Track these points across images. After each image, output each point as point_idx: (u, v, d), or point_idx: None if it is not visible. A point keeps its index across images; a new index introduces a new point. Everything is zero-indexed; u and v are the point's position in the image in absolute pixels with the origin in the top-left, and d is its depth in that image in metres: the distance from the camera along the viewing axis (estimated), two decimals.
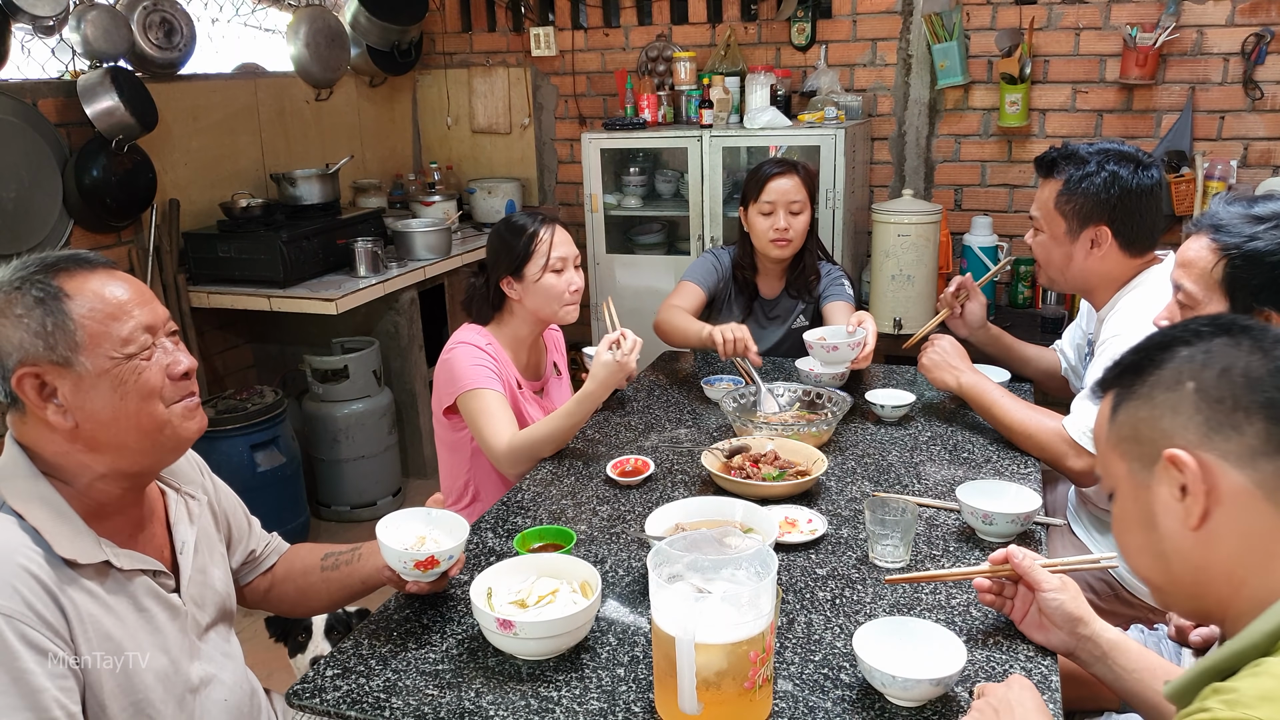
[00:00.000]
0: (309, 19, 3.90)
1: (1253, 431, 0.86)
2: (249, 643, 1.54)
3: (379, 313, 3.74)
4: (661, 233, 4.37)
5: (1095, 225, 1.90)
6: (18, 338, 1.14)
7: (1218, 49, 3.55)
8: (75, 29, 3.03)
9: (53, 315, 1.15)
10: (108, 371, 1.17)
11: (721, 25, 4.20)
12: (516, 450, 1.98)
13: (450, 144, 4.81)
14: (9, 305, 1.15)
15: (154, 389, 1.20)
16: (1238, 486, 0.86)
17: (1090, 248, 1.92)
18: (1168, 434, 0.90)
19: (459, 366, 2.06)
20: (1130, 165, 1.89)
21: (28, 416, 1.19)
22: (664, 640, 1.11)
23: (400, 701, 1.24)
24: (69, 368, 1.15)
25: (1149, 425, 0.91)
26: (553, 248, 2.12)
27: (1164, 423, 0.90)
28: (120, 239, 3.31)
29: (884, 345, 3.76)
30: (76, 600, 1.15)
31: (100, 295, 1.18)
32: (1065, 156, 1.94)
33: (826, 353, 2.25)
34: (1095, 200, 1.89)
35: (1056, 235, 1.96)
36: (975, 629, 1.36)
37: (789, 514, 1.68)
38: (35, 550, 1.13)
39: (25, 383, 1.15)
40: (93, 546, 1.19)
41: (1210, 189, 3.53)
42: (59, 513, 1.18)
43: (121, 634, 1.20)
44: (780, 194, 2.53)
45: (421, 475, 3.95)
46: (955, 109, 3.96)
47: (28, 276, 1.17)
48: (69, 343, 1.15)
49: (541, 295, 2.13)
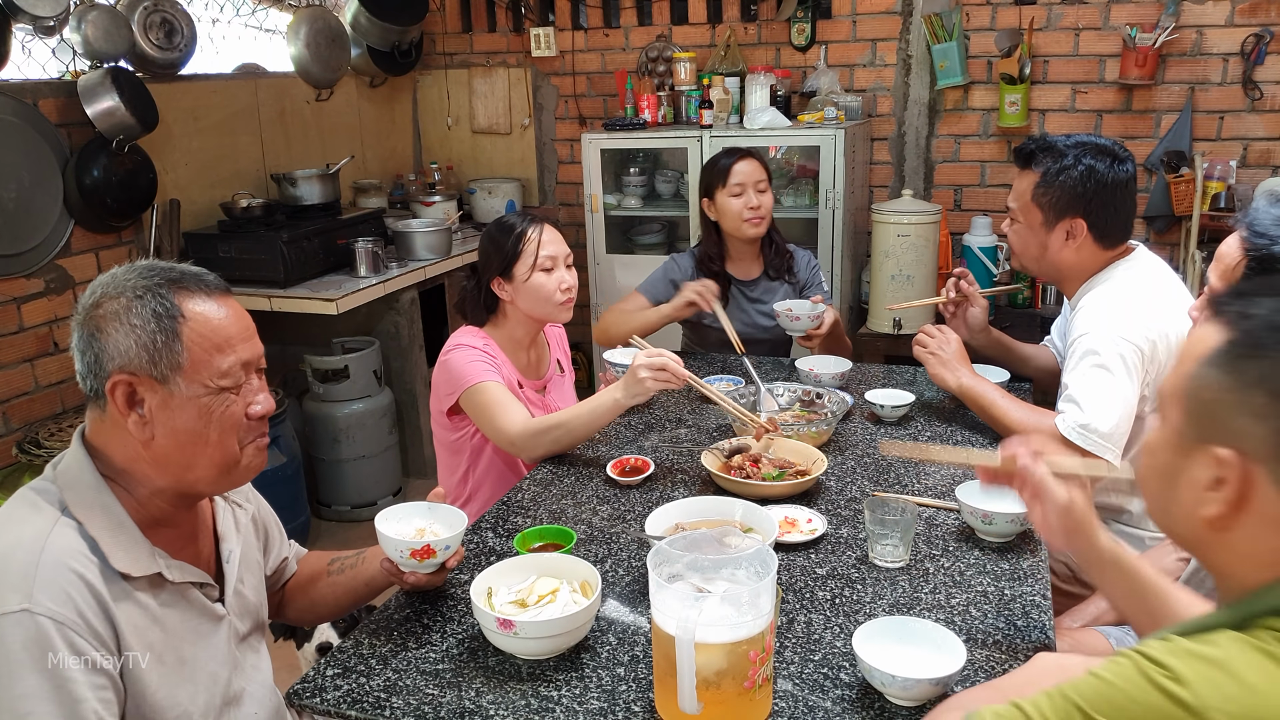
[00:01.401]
0: (309, 19, 3.90)
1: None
2: None
3: (379, 313, 3.74)
4: (661, 233, 4.37)
5: (1071, 218, 1.93)
6: (126, 345, 1.15)
7: (1217, 49, 3.56)
8: (76, 29, 3.04)
9: (165, 334, 1.16)
10: (198, 399, 1.18)
11: (721, 26, 4.21)
12: (534, 429, 1.98)
13: (450, 144, 4.81)
14: (127, 312, 1.16)
15: (235, 425, 1.21)
16: (1271, 510, 0.83)
17: (1065, 239, 1.95)
18: (1235, 433, 0.84)
19: (458, 365, 2.06)
20: (1107, 159, 1.91)
21: (106, 418, 1.19)
22: (664, 640, 1.12)
23: (400, 701, 1.24)
24: (164, 385, 1.16)
25: (1225, 410, 0.85)
26: (541, 246, 2.11)
27: (1240, 421, 0.83)
28: (121, 239, 3.32)
29: (884, 345, 3.78)
30: (128, 612, 1.15)
31: (211, 324, 1.19)
32: (1043, 148, 1.97)
33: (790, 320, 2.51)
34: (1071, 193, 1.92)
35: (1032, 225, 1.99)
36: (975, 629, 1.36)
37: (789, 514, 1.68)
38: (92, 560, 1.13)
39: (118, 389, 1.16)
40: (147, 558, 1.19)
41: (1210, 189, 3.54)
42: (119, 522, 1.17)
43: (167, 646, 1.20)
44: (746, 175, 2.65)
45: (422, 475, 3.96)
46: (955, 109, 3.96)
47: (151, 287, 1.17)
48: (172, 363, 1.16)
49: (532, 295, 2.11)
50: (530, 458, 2.03)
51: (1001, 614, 1.40)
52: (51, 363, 3.11)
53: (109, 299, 1.17)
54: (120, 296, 1.17)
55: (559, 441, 1.99)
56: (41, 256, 3.04)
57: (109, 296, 1.17)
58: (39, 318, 3.06)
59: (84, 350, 1.17)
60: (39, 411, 3.09)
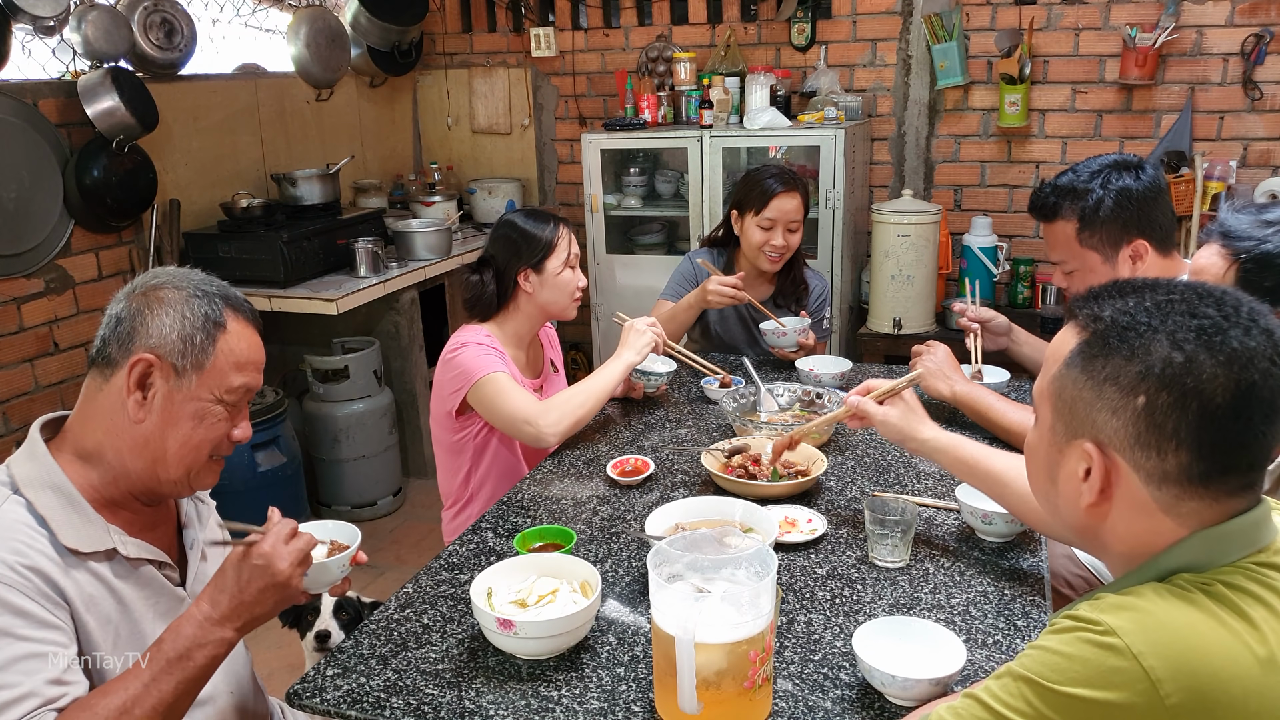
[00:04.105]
0: (309, 19, 3.90)
1: (1174, 460, 0.88)
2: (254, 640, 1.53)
3: (379, 313, 3.74)
4: (661, 233, 4.37)
5: (1129, 242, 1.88)
6: (167, 328, 1.22)
7: (1217, 49, 3.56)
8: (76, 29, 3.04)
9: (206, 335, 1.24)
10: (200, 401, 1.24)
11: (721, 26, 4.21)
12: (552, 406, 2.01)
13: (450, 144, 4.81)
14: (183, 301, 1.24)
15: (215, 438, 1.27)
16: (1138, 497, 0.91)
17: (1133, 264, 1.89)
18: (1097, 427, 0.92)
19: (466, 361, 2.06)
20: (1131, 173, 1.87)
21: (107, 388, 1.23)
22: (664, 640, 1.12)
23: (400, 701, 1.24)
24: (179, 377, 1.23)
25: (1085, 406, 0.93)
26: (571, 245, 2.20)
27: (1100, 416, 0.91)
28: (121, 239, 3.31)
29: (884, 345, 3.78)
30: (79, 581, 1.17)
31: (242, 345, 1.28)
32: (1062, 194, 1.91)
33: (777, 336, 2.53)
34: (1120, 220, 1.86)
35: (1094, 268, 1.91)
36: (975, 629, 1.37)
37: (789, 514, 1.68)
38: (39, 532, 1.16)
39: (139, 365, 1.21)
40: (100, 534, 1.21)
41: (1210, 189, 3.54)
42: (69, 501, 1.20)
43: (124, 619, 1.22)
44: (783, 213, 2.56)
45: (421, 475, 3.96)
46: (955, 109, 3.96)
47: (210, 294, 1.26)
48: (197, 362, 1.23)
49: (558, 289, 2.17)
50: (552, 435, 1.99)
51: (1001, 614, 1.40)
52: (51, 363, 3.11)
53: (172, 287, 1.25)
54: (183, 289, 1.25)
55: (580, 408, 2.03)
56: (41, 256, 3.04)
57: (173, 285, 1.25)
58: (39, 318, 3.06)
59: (121, 319, 1.23)
60: (39, 411, 3.08)
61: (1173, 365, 0.87)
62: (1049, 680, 0.84)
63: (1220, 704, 0.79)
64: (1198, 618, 0.83)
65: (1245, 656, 0.81)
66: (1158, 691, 0.79)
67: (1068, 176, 1.92)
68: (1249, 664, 0.81)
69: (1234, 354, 0.86)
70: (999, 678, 0.89)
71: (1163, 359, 0.87)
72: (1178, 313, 0.89)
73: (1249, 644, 0.82)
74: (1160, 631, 0.82)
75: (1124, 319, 0.91)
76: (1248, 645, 0.81)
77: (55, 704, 1.08)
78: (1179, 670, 0.80)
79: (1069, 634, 0.85)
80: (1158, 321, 0.89)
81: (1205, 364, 0.86)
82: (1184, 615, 0.83)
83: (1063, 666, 0.84)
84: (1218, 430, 0.86)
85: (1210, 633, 0.82)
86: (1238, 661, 0.81)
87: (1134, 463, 0.90)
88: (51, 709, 1.07)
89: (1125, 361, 0.89)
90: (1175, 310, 0.89)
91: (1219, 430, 0.86)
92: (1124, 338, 0.90)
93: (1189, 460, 0.88)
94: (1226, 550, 0.89)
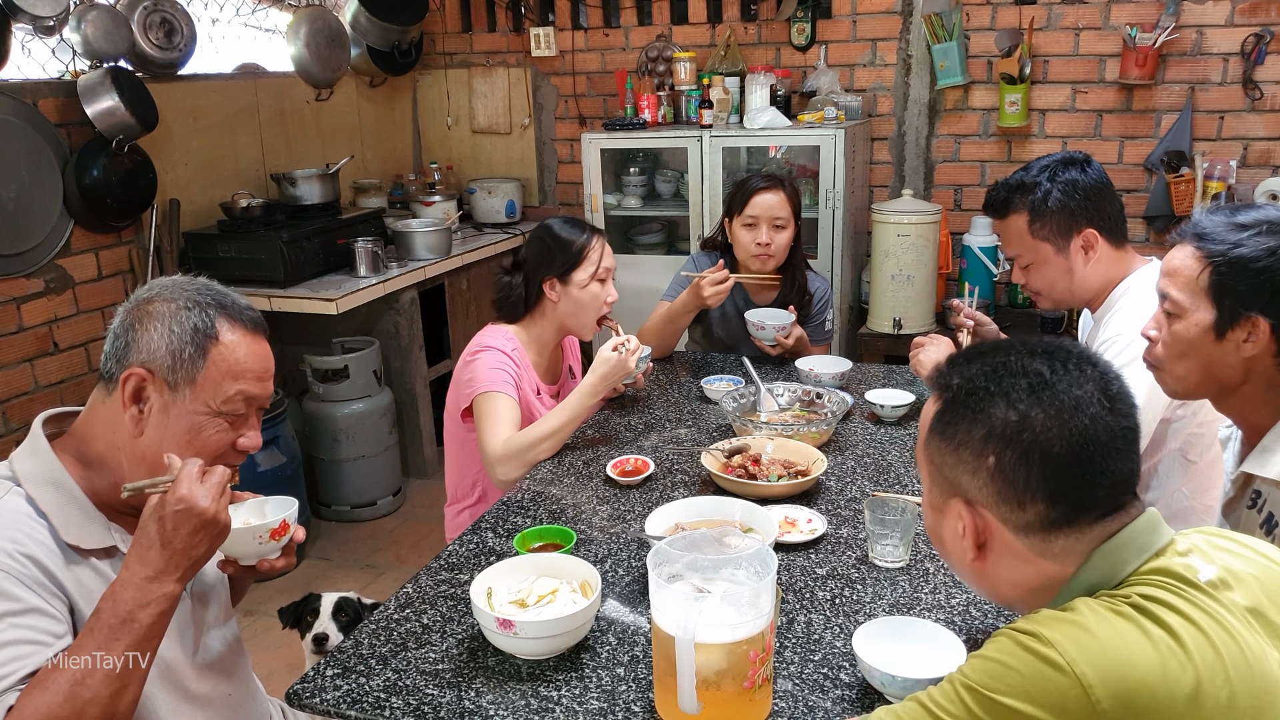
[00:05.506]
0: (309, 19, 3.90)
1: (1034, 510, 0.95)
2: (254, 640, 1.53)
3: (379, 313, 3.74)
4: (661, 233, 4.37)
5: (1079, 231, 1.93)
6: (158, 344, 1.22)
7: (1217, 49, 3.56)
8: (75, 29, 3.03)
9: (195, 348, 1.22)
10: (195, 414, 1.23)
11: (721, 25, 4.20)
12: (510, 449, 1.96)
13: (450, 144, 4.81)
14: (171, 315, 1.23)
15: (217, 450, 1.26)
16: (1013, 547, 0.97)
17: (1085, 255, 1.94)
18: (963, 488, 0.98)
19: (480, 370, 2.06)
20: (1076, 167, 1.94)
21: (110, 400, 1.24)
22: (664, 640, 1.12)
23: (400, 701, 1.24)
24: (172, 391, 1.22)
25: (951, 470, 0.99)
26: (603, 258, 2.17)
27: (963, 479, 0.98)
28: (120, 239, 3.31)
29: (884, 345, 3.78)
30: (81, 576, 1.18)
31: (236, 354, 1.25)
32: (1012, 189, 1.97)
33: (758, 329, 2.53)
34: (1067, 210, 1.92)
35: (1047, 259, 1.97)
36: (975, 629, 1.36)
37: (789, 514, 1.68)
38: (39, 523, 1.16)
39: (130, 380, 1.21)
40: (101, 531, 1.22)
41: (1210, 189, 3.54)
42: (71, 499, 1.21)
43: None
44: (764, 209, 2.54)
45: (421, 475, 3.96)
46: (955, 109, 3.96)
47: (202, 304, 1.25)
48: (188, 376, 1.22)
49: (581, 302, 2.15)
50: (502, 483, 1.99)
51: (1001, 614, 1.40)
52: (51, 363, 3.11)
53: (163, 300, 1.24)
54: (174, 301, 1.24)
55: (543, 454, 1.98)
56: (41, 256, 3.04)
57: (164, 298, 1.24)
58: (39, 318, 3.06)
59: (119, 334, 1.24)
60: (39, 411, 3.07)
61: (1009, 425, 0.94)
62: (988, 689, 0.87)
63: (1148, 709, 0.83)
64: (1125, 627, 0.87)
65: (1171, 664, 0.84)
66: (1089, 697, 0.83)
67: (1018, 174, 1.99)
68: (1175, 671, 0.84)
69: (1063, 405, 0.93)
70: (941, 685, 0.92)
71: (1001, 419, 0.94)
72: (1011, 373, 0.96)
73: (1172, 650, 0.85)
74: (1092, 641, 0.86)
75: (968, 385, 0.98)
76: (1172, 652, 0.85)
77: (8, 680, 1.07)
78: (1108, 676, 0.83)
79: (1010, 643, 0.89)
80: (993, 385, 0.96)
81: (1038, 418, 0.93)
82: (1115, 625, 0.87)
83: (1002, 675, 0.87)
84: (1064, 477, 0.93)
85: (1138, 643, 0.86)
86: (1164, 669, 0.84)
87: (1001, 517, 0.96)
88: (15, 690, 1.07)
89: (971, 425, 0.96)
90: (1009, 371, 0.96)
91: (1065, 477, 0.93)
92: (967, 403, 0.97)
93: (1045, 509, 0.94)
94: (1126, 559, 0.94)
